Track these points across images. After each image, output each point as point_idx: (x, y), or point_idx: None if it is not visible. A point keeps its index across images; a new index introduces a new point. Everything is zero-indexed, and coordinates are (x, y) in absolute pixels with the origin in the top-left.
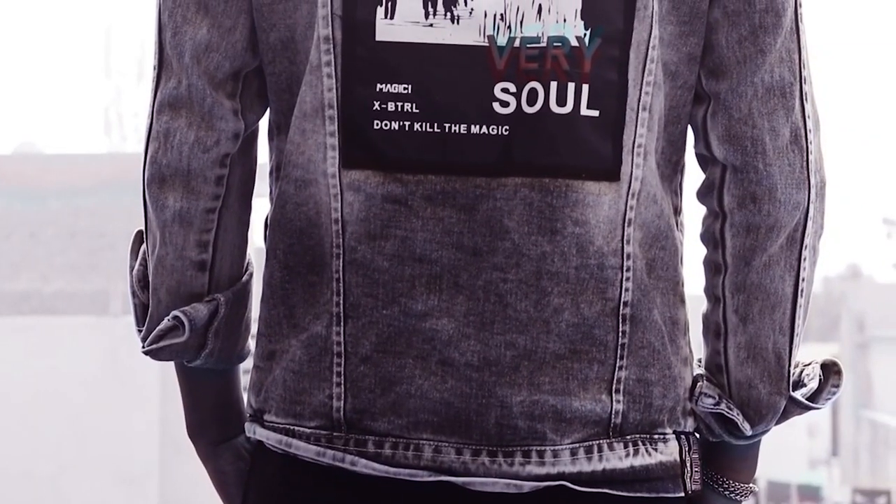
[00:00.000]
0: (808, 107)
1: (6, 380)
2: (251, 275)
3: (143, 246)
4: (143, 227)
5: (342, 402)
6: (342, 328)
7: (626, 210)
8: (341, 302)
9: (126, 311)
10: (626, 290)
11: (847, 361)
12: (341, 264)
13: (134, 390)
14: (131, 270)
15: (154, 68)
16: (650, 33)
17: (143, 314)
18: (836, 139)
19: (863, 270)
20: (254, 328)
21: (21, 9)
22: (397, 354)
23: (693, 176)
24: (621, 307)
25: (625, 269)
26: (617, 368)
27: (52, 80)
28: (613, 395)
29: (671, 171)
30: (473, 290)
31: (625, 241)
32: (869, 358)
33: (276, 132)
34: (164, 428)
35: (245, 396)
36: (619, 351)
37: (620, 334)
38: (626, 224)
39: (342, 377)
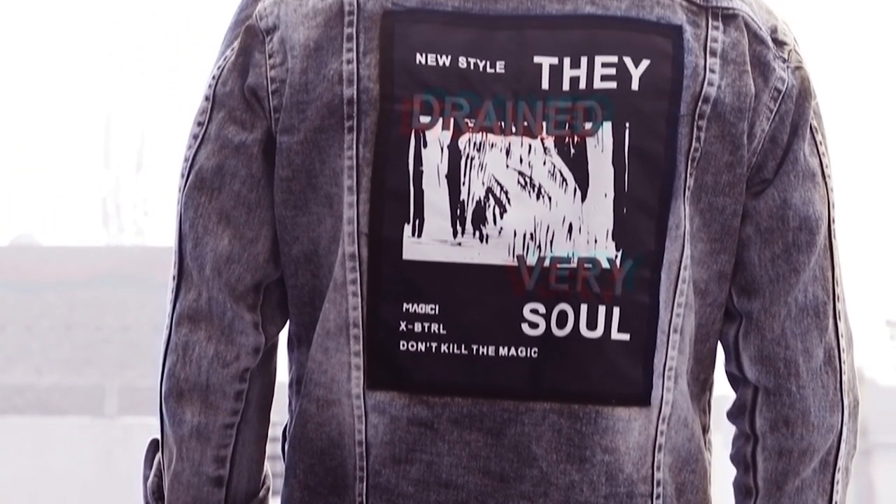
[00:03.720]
0: (841, 325)
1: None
2: (268, 489)
3: (159, 455)
4: (158, 437)
5: None
6: None
7: (656, 435)
8: None
9: (122, 411)
10: None
11: None
12: (365, 488)
13: (128, 493)
14: (145, 480)
15: (173, 278)
16: (682, 253)
17: None
18: (840, 241)
19: (865, 373)
20: None
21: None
22: None
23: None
24: None
25: (654, 496)
26: None
27: (50, 171)
28: None
29: (699, 389)
30: None
31: (655, 468)
32: (871, 465)
33: (297, 344)
34: None
35: None
36: None
37: None
38: (656, 450)
39: None
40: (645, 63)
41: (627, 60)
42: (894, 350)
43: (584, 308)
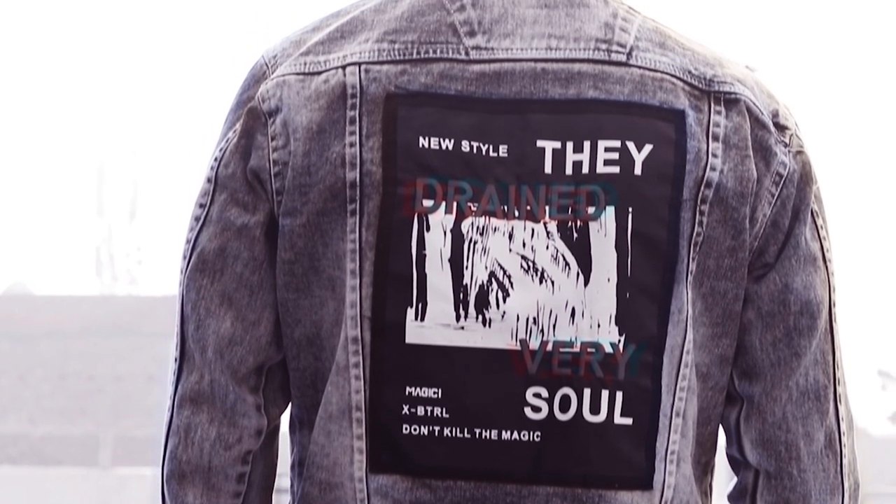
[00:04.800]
0: (842, 409)
1: None
2: None
3: None
4: None
5: None
6: None
7: None
8: None
9: (116, 462)
10: None
11: None
12: None
13: None
14: None
15: (175, 360)
16: (684, 338)
17: None
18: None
19: (858, 423)
20: None
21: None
22: None
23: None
24: None
25: None
26: None
27: (43, 219)
28: None
29: (700, 472)
30: None
31: None
32: None
33: (299, 427)
34: None
35: None
36: None
37: None
38: None
39: None
40: (648, 148)
41: (630, 145)
42: (886, 400)
43: (587, 392)
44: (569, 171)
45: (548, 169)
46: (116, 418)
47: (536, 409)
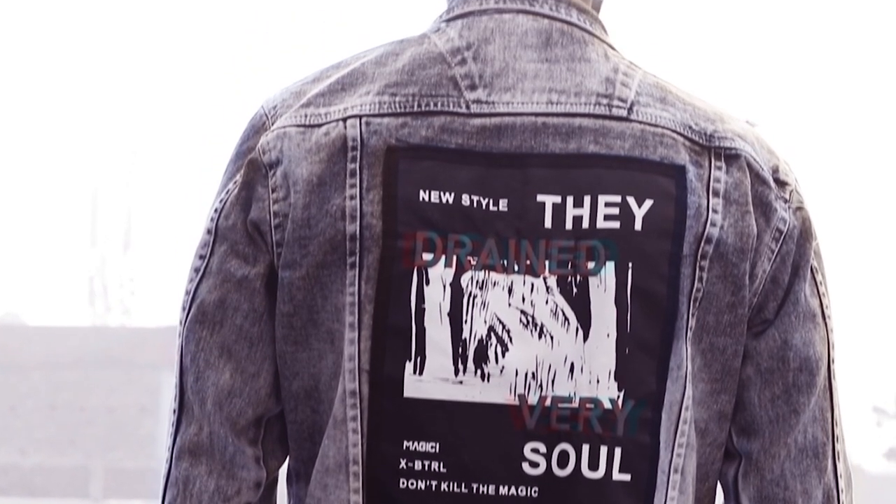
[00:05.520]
0: (840, 466)
1: None
2: None
3: None
4: None
5: None
6: None
7: None
8: None
9: (107, 494)
10: None
11: None
12: None
13: None
14: None
15: (174, 411)
16: (683, 394)
17: None
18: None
19: (853, 460)
20: None
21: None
22: None
23: None
24: None
25: None
26: None
27: (36, 249)
28: None
29: None
30: None
31: None
32: None
33: (296, 479)
34: None
35: None
36: None
37: None
38: None
39: None
40: (648, 203)
41: (631, 200)
42: (881, 437)
43: (585, 448)
44: (569, 225)
45: (548, 223)
46: (107, 450)
47: (534, 465)
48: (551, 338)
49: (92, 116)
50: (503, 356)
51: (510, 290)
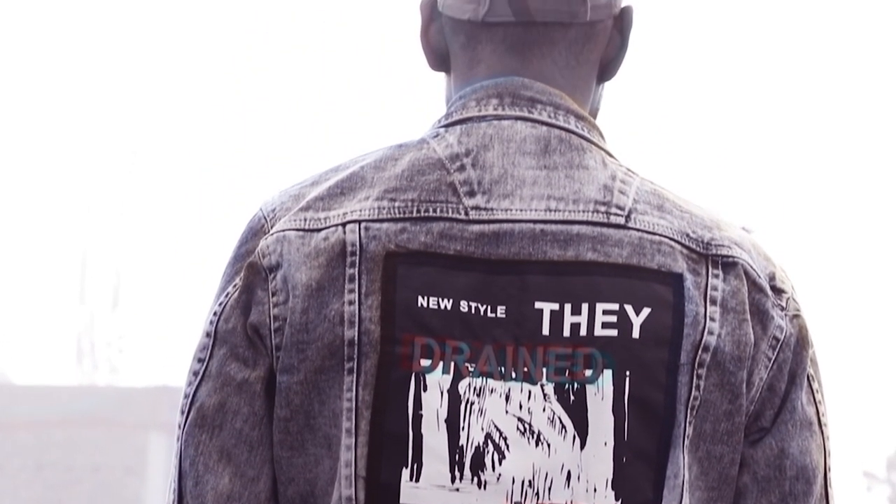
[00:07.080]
0: None
1: None
2: None
3: None
4: None
5: None
6: None
7: None
8: None
9: None
10: None
11: None
12: None
13: None
14: None
15: None
16: (680, 502)
17: None
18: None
19: None
20: None
21: None
22: None
23: None
24: None
25: None
26: None
27: (24, 307)
28: None
29: None
30: None
31: None
32: None
33: None
34: None
35: None
36: None
37: None
38: None
39: None
40: (646, 311)
41: (628, 308)
42: (872, 502)
43: None
44: (566, 332)
45: (545, 331)
46: None
47: None
48: (548, 445)
49: (80, 175)
50: (500, 463)
51: (507, 398)
